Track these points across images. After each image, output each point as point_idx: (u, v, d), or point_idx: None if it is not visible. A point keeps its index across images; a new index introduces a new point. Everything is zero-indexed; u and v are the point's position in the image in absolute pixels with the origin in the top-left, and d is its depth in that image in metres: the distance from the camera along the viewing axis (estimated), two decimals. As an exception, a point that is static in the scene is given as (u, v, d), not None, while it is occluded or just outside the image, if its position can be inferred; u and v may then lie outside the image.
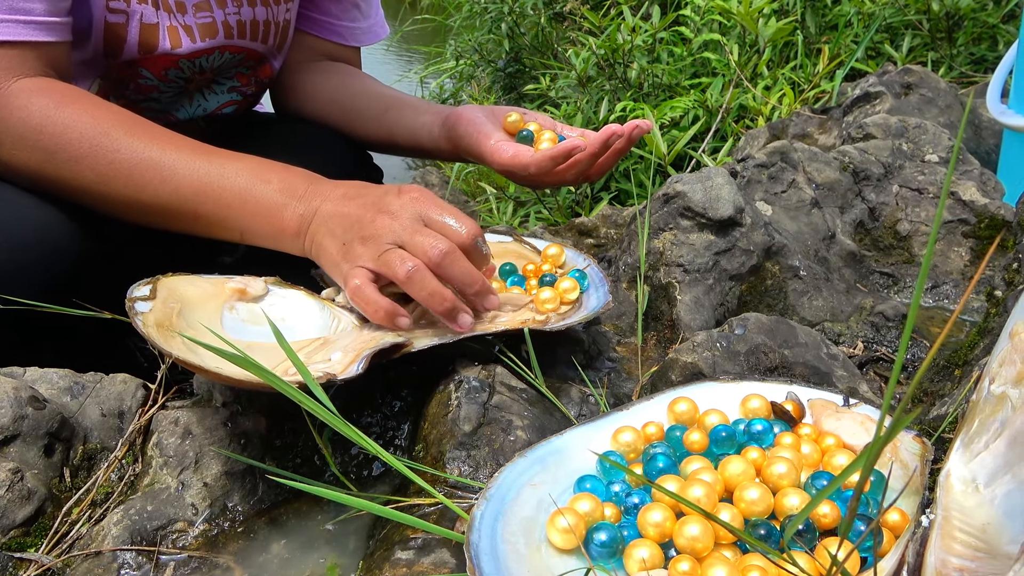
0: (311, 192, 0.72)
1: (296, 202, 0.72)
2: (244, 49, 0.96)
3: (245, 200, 0.72)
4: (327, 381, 0.56)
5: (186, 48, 0.89)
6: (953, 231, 0.92)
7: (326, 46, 1.10)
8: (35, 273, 0.73)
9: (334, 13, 1.09)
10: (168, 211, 0.75)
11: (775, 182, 0.96)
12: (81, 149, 0.73)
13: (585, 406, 0.68)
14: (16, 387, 0.61)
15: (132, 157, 0.73)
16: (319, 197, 0.71)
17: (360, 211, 0.69)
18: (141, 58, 0.88)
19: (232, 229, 0.74)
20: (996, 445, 0.43)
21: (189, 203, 0.73)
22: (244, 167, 0.74)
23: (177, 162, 0.73)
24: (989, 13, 1.92)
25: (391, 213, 0.68)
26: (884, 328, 0.80)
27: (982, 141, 1.42)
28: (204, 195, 0.73)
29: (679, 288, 0.80)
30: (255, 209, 0.72)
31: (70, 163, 0.73)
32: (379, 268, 0.67)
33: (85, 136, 0.73)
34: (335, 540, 0.58)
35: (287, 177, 0.73)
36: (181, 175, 0.73)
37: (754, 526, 0.47)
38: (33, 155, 0.74)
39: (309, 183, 0.73)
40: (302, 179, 0.73)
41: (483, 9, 3.05)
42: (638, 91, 2.13)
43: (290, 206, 0.72)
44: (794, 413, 0.58)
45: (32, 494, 0.58)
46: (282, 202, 0.72)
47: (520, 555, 0.46)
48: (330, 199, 0.71)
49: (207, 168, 0.73)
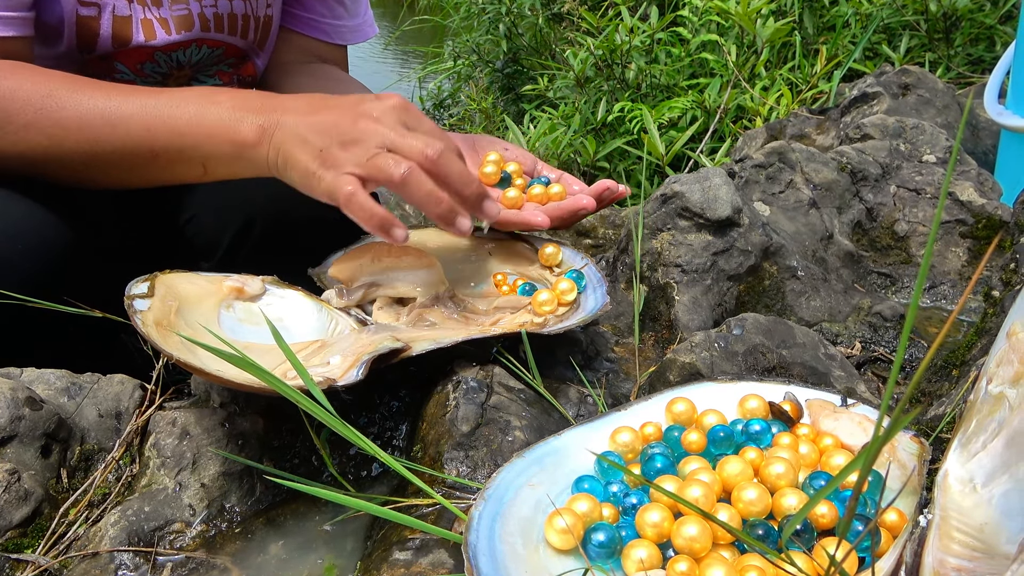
0: (268, 105, 0.69)
1: (253, 115, 0.69)
2: (222, 43, 0.96)
3: (199, 123, 0.70)
4: (328, 387, 0.56)
5: (161, 40, 0.89)
6: (951, 231, 0.92)
7: (312, 44, 1.09)
8: (19, 266, 0.73)
9: (319, 11, 1.07)
10: (125, 157, 0.73)
11: (773, 182, 0.96)
12: (27, 115, 0.72)
13: (583, 406, 0.68)
14: (13, 388, 0.61)
15: (78, 111, 0.71)
16: (279, 109, 0.68)
17: (336, 116, 0.66)
18: (116, 52, 0.87)
19: (193, 160, 0.71)
20: (994, 445, 0.43)
21: (143, 142, 0.71)
22: (191, 94, 0.72)
23: (123, 105, 0.71)
24: (986, 14, 1.92)
25: (373, 117, 0.65)
26: (882, 328, 0.80)
27: (979, 142, 1.43)
28: (155, 129, 0.71)
29: (677, 288, 0.80)
30: (210, 130, 0.69)
31: (21, 131, 0.72)
32: (369, 173, 0.64)
33: (30, 101, 0.72)
34: (333, 541, 0.58)
35: (238, 95, 0.71)
36: (129, 116, 0.71)
37: (752, 526, 0.47)
38: None
39: (263, 97, 0.71)
40: (254, 95, 0.71)
41: (480, 10, 3.05)
42: (636, 92, 2.13)
43: (246, 119, 0.69)
44: (792, 413, 0.58)
45: (29, 495, 0.58)
46: (237, 117, 0.69)
47: (518, 555, 0.46)
48: (293, 110, 0.68)
49: (155, 104, 0.71)
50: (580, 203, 0.79)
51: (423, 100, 3.52)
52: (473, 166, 0.87)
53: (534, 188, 0.84)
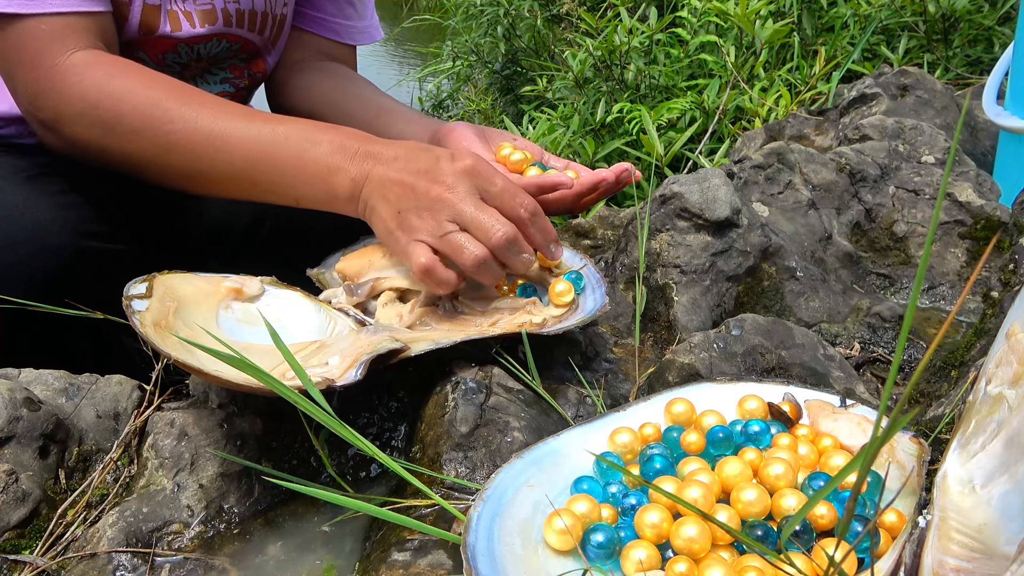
0: (363, 152, 0.71)
1: (348, 163, 0.71)
2: (241, 39, 0.97)
3: (298, 166, 0.72)
4: (326, 387, 0.56)
5: (185, 33, 0.90)
6: (949, 232, 0.92)
7: (322, 43, 1.11)
8: (25, 271, 0.73)
9: (329, 10, 1.10)
10: (225, 180, 0.75)
11: (772, 183, 0.96)
12: (137, 122, 0.74)
13: (582, 407, 0.68)
14: (11, 388, 0.61)
15: (186, 128, 0.74)
16: (371, 159, 0.71)
17: (413, 179, 0.68)
18: (140, 39, 0.88)
19: (287, 195, 0.75)
20: (993, 446, 0.43)
21: (245, 172, 0.74)
22: (294, 130, 0.74)
23: (229, 130, 0.73)
24: (985, 15, 1.93)
25: (446, 185, 0.67)
26: (881, 329, 0.80)
27: (978, 143, 1.43)
28: (258, 163, 0.73)
29: (676, 289, 0.80)
30: (309, 174, 0.72)
31: (129, 136, 0.74)
32: (442, 248, 0.67)
33: (139, 108, 0.74)
34: (331, 542, 0.58)
35: (337, 138, 0.73)
36: (234, 144, 0.73)
37: (751, 527, 0.47)
38: (94, 130, 0.75)
39: (360, 142, 0.72)
40: (352, 139, 0.73)
41: (479, 11, 3.05)
42: (635, 92, 2.13)
43: (342, 169, 0.71)
44: (791, 414, 0.58)
45: (27, 496, 0.58)
46: (335, 165, 0.71)
47: (517, 556, 0.46)
48: (382, 161, 0.70)
49: (258, 133, 0.73)
50: (600, 175, 0.81)
51: (422, 101, 3.52)
52: (487, 153, 0.89)
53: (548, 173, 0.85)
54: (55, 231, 0.76)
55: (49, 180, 0.81)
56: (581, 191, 0.83)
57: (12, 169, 0.81)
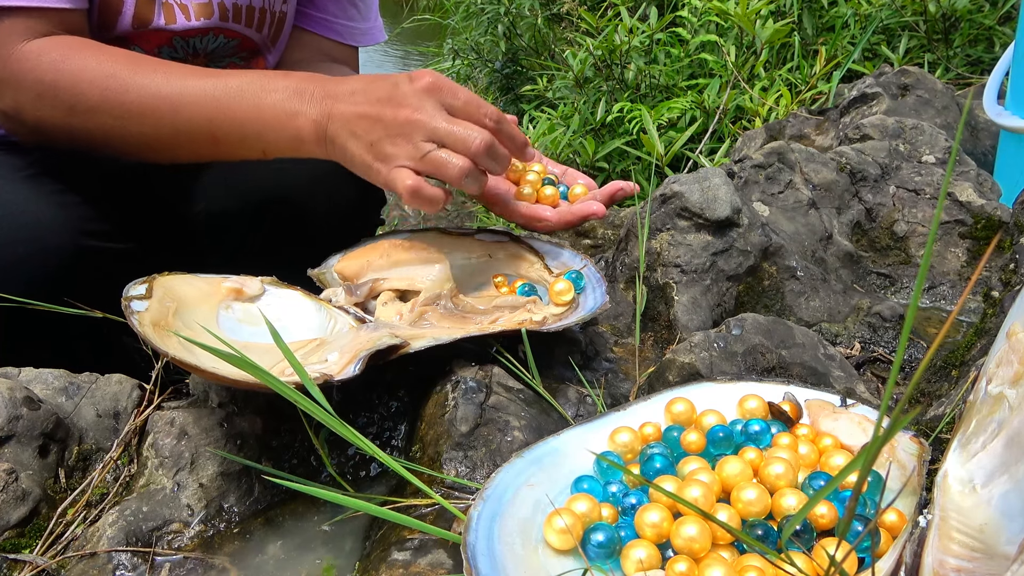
0: (319, 93, 0.71)
1: (307, 106, 0.71)
2: (238, 35, 0.97)
3: (257, 117, 0.72)
4: (324, 382, 0.56)
5: (180, 25, 0.90)
6: (950, 232, 0.92)
7: (324, 44, 1.11)
8: (24, 270, 0.73)
9: (332, 11, 1.10)
10: (189, 142, 0.76)
11: (772, 183, 0.96)
12: (94, 97, 0.74)
13: (582, 407, 0.68)
14: (11, 387, 0.61)
15: (140, 94, 0.74)
16: (329, 99, 0.71)
17: (377, 109, 0.68)
18: (134, 33, 0.88)
19: (253, 147, 0.75)
20: (993, 446, 0.43)
21: (205, 129, 0.74)
22: (248, 82, 0.74)
23: (184, 91, 0.74)
24: (985, 15, 1.92)
25: (412, 106, 0.67)
26: (881, 329, 0.80)
27: (979, 142, 1.43)
28: (217, 119, 0.73)
29: (676, 288, 0.80)
30: (269, 123, 0.72)
31: (89, 113, 0.74)
32: (424, 168, 0.67)
33: (95, 83, 0.74)
34: (331, 541, 0.58)
35: (291, 83, 0.73)
36: (190, 104, 0.73)
37: (752, 526, 0.47)
38: (55, 112, 0.75)
39: (315, 83, 0.72)
40: (307, 81, 0.73)
41: (480, 10, 3.05)
42: (635, 92, 2.13)
43: (302, 111, 0.71)
44: (791, 413, 0.58)
45: (27, 495, 0.58)
46: (293, 109, 0.71)
47: (517, 556, 0.46)
48: (341, 98, 0.70)
49: (212, 90, 0.73)
50: (590, 209, 0.81)
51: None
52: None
53: (546, 188, 0.85)
54: (54, 230, 0.76)
55: (48, 179, 0.81)
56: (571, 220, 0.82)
57: (11, 168, 0.81)
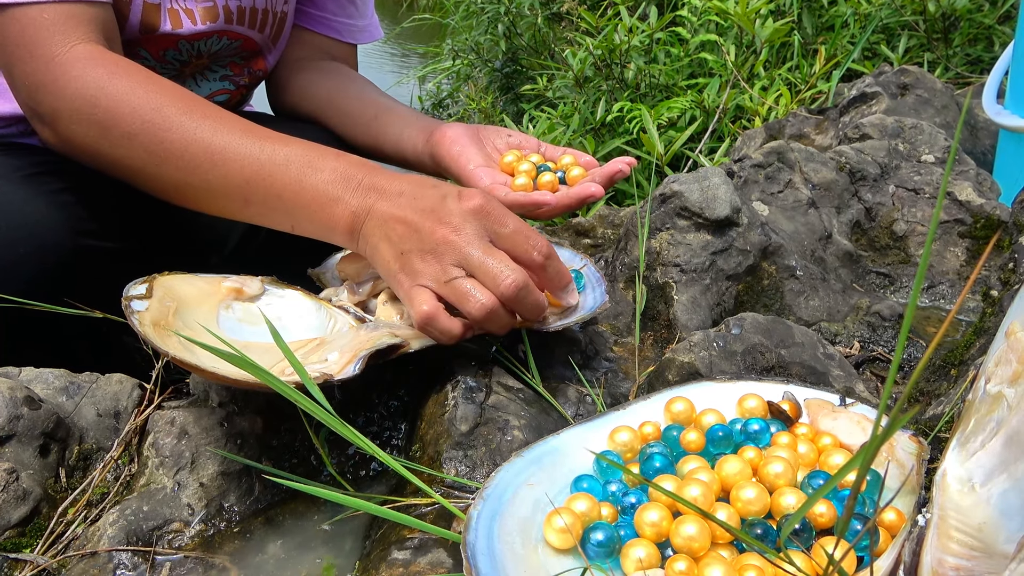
0: (366, 184, 0.67)
1: (350, 195, 0.67)
2: (242, 36, 0.97)
3: (297, 191, 0.68)
4: (324, 381, 0.56)
5: (187, 30, 0.90)
6: (949, 231, 0.92)
7: (323, 42, 1.12)
8: (24, 269, 0.73)
9: (330, 9, 1.10)
10: (218, 196, 0.72)
11: (772, 182, 0.96)
12: (134, 125, 0.71)
13: (582, 406, 0.68)
14: (11, 387, 0.61)
15: (183, 137, 0.70)
16: (374, 193, 0.66)
17: (418, 218, 0.63)
18: (142, 38, 0.88)
19: (282, 221, 0.71)
20: (992, 444, 0.43)
21: (239, 190, 0.70)
22: (296, 153, 0.69)
23: (228, 146, 0.70)
24: (985, 14, 1.92)
25: (452, 226, 0.62)
26: (880, 328, 0.80)
27: (978, 141, 1.43)
28: (254, 183, 0.70)
29: (676, 288, 0.80)
30: (307, 202, 0.68)
31: (124, 139, 0.71)
32: (446, 295, 0.62)
33: (137, 111, 0.71)
34: (331, 540, 0.58)
35: (340, 166, 0.68)
36: (231, 160, 0.70)
37: (751, 525, 0.47)
38: (89, 130, 0.72)
39: (364, 173, 0.68)
40: (357, 168, 0.68)
41: (480, 9, 3.05)
42: (635, 91, 2.13)
43: (343, 200, 0.67)
44: (791, 413, 0.58)
45: (27, 494, 0.58)
46: (335, 195, 0.67)
47: (517, 555, 0.46)
48: (386, 196, 0.66)
49: (258, 154, 0.69)
50: (588, 191, 0.81)
51: (422, 100, 3.52)
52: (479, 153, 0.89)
53: (544, 176, 0.85)
54: (53, 229, 0.76)
55: (47, 179, 0.81)
56: (570, 204, 0.82)
57: (10, 168, 0.81)
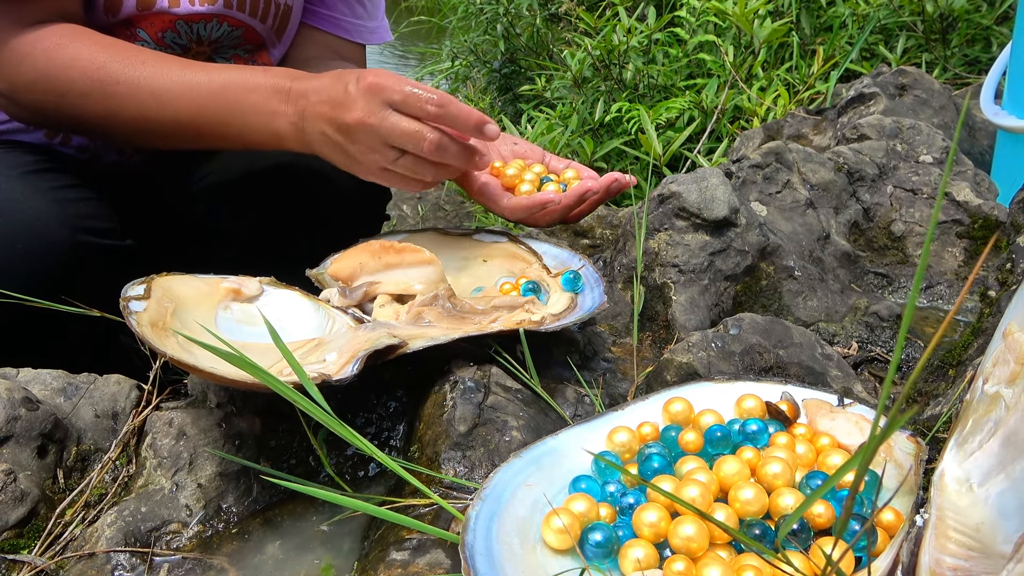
0: (295, 91, 0.76)
1: (285, 106, 0.76)
2: (242, 24, 0.98)
3: (240, 113, 0.77)
4: (322, 382, 0.56)
5: (183, 9, 0.91)
6: (947, 231, 0.93)
7: (332, 41, 1.12)
8: (23, 265, 0.73)
9: (340, 9, 1.11)
10: (173, 134, 0.80)
11: (770, 183, 0.96)
12: (84, 86, 0.78)
13: (580, 406, 0.68)
14: (9, 388, 0.61)
15: (130, 86, 0.77)
16: (302, 97, 0.75)
17: (334, 112, 0.72)
18: (139, 16, 0.89)
19: (234, 142, 0.80)
20: (990, 445, 0.43)
21: (190, 125, 0.78)
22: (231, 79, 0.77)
23: (170, 86, 0.77)
24: (983, 15, 1.93)
25: (360, 109, 0.71)
26: (878, 328, 0.81)
27: (976, 142, 1.43)
28: (202, 117, 0.77)
29: (674, 288, 0.80)
30: (252, 122, 0.77)
31: (79, 100, 0.78)
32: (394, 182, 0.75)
33: (86, 73, 0.77)
34: (330, 541, 0.58)
35: (270, 80, 0.77)
36: (176, 99, 0.77)
37: (749, 526, 0.47)
38: (48, 97, 0.79)
39: (291, 80, 0.76)
40: (283, 78, 0.77)
41: (478, 10, 3.05)
42: (633, 92, 2.13)
43: (281, 111, 0.76)
44: (789, 413, 0.58)
45: (25, 495, 0.58)
46: (273, 108, 0.76)
47: (515, 555, 0.46)
48: (309, 96, 0.75)
49: (198, 88, 0.77)
50: (585, 186, 0.82)
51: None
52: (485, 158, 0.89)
53: (548, 186, 0.84)
54: (52, 225, 0.76)
55: (46, 176, 0.81)
56: (569, 204, 0.82)
57: (9, 164, 0.81)
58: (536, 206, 0.82)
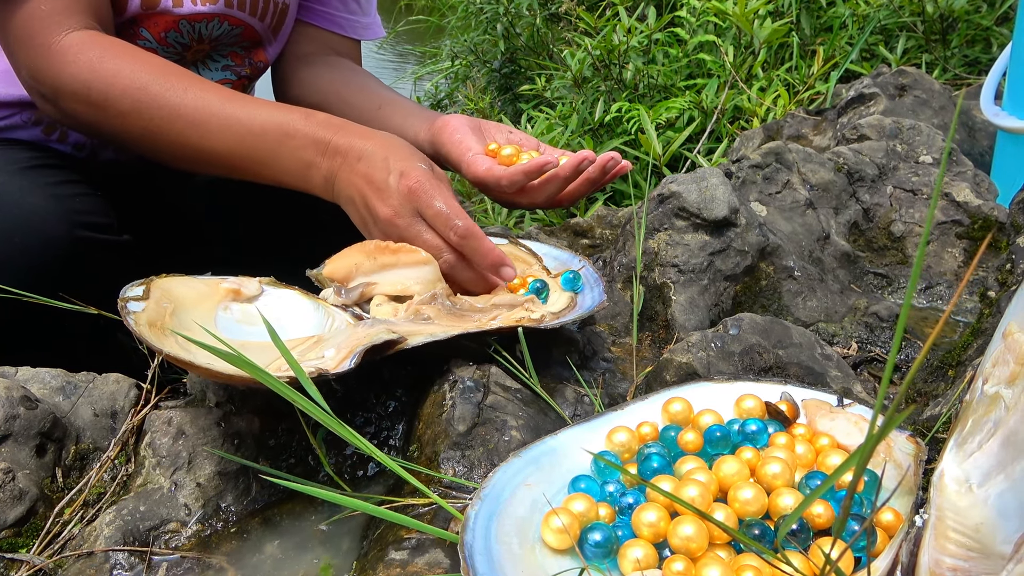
0: (332, 148, 0.76)
1: (320, 159, 0.77)
2: (242, 23, 0.98)
3: (276, 157, 0.78)
4: (319, 376, 0.56)
5: (187, 10, 0.91)
6: (947, 232, 0.93)
7: (327, 37, 1.13)
8: (21, 260, 0.73)
9: (334, 5, 1.12)
10: (208, 165, 0.81)
11: (770, 183, 0.96)
12: (125, 104, 0.78)
13: (580, 406, 0.68)
14: (8, 387, 0.61)
15: (170, 113, 0.78)
16: (339, 156, 0.76)
17: (368, 193, 0.74)
18: (143, 15, 0.89)
19: (267, 181, 0.81)
20: (989, 445, 0.43)
21: (225, 159, 0.79)
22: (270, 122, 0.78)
23: (211, 120, 0.78)
24: (983, 15, 1.93)
25: (391, 207, 0.73)
26: (878, 329, 0.80)
27: (976, 143, 1.43)
28: (237, 154, 0.79)
29: (674, 288, 0.80)
30: (285, 168, 0.78)
31: (119, 118, 0.78)
32: None
33: (127, 92, 0.77)
34: (329, 540, 0.58)
35: (310, 130, 0.77)
36: (215, 134, 0.78)
37: (748, 526, 0.47)
38: (87, 109, 0.79)
39: (332, 134, 0.77)
40: (324, 129, 0.77)
41: (478, 10, 3.05)
42: (633, 92, 2.13)
43: (315, 164, 0.77)
44: (788, 413, 0.58)
45: (24, 494, 0.58)
46: (308, 160, 0.77)
47: (514, 555, 0.46)
48: (349, 161, 0.75)
49: (238, 127, 0.78)
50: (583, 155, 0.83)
51: (420, 100, 3.52)
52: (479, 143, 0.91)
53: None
54: (50, 220, 0.77)
55: (45, 172, 0.82)
56: (567, 173, 0.83)
57: (6, 161, 0.81)
58: (534, 170, 0.82)
